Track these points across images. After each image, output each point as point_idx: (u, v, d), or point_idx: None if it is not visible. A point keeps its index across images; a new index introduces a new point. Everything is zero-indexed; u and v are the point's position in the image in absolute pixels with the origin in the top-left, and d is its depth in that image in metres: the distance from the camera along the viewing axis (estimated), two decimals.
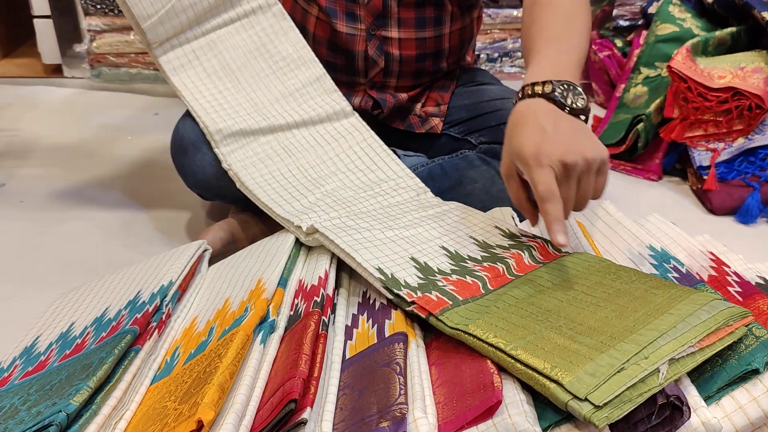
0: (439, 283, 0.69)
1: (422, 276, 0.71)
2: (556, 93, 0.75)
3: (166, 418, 0.56)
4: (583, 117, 0.75)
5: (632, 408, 0.51)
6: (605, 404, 0.51)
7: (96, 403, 0.58)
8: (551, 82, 0.75)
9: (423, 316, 0.65)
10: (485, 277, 0.71)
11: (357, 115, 1.07)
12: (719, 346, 0.57)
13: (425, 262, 0.74)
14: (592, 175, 0.72)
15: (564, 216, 0.70)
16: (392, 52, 1.11)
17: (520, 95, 0.78)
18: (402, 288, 0.68)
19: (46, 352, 0.76)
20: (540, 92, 0.75)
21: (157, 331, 0.71)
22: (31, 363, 0.74)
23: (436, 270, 0.72)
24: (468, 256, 0.76)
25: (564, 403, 0.52)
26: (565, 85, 0.75)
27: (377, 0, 1.07)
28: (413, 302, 0.66)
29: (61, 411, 0.55)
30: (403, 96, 1.16)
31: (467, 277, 0.71)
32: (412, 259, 0.74)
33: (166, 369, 0.68)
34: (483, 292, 0.68)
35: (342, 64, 1.13)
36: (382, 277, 0.70)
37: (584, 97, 0.76)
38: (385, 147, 1.03)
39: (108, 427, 0.58)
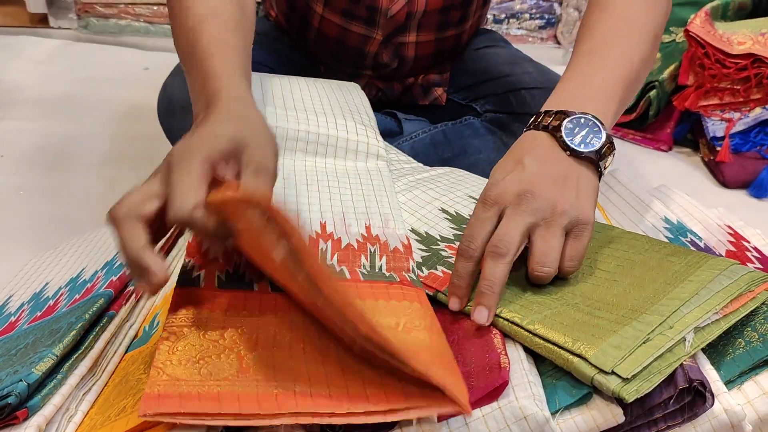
0: (443, 254, 0.64)
1: (425, 248, 0.66)
2: (562, 128, 0.61)
3: (140, 394, 0.51)
4: (591, 163, 0.61)
5: (662, 380, 0.48)
6: (634, 377, 0.47)
7: (62, 373, 0.53)
8: (565, 112, 0.62)
9: (430, 293, 0.60)
10: None
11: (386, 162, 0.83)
12: (743, 312, 0.54)
13: (426, 232, 0.69)
14: (558, 232, 0.56)
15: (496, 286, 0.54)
16: (407, 54, 1.03)
17: (529, 123, 0.65)
18: None
19: (16, 312, 0.71)
20: (546, 124, 0.62)
21: (134, 295, 0.66)
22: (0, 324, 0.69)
23: (439, 238, 0.67)
24: (469, 215, 0.71)
25: (590, 378, 0.48)
26: (582, 120, 0.61)
27: (400, 15, 0.97)
28: (420, 281, 0.62)
29: (21, 380, 0.50)
30: (411, 80, 1.09)
31: None
32: (413, 231, 0.69)
33: (143, 337, 0.63)
34: None
35: (349, 59, 1.04)
36: None
37: (602, 136, 0.61)
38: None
39: (75, 398, 0.53)
